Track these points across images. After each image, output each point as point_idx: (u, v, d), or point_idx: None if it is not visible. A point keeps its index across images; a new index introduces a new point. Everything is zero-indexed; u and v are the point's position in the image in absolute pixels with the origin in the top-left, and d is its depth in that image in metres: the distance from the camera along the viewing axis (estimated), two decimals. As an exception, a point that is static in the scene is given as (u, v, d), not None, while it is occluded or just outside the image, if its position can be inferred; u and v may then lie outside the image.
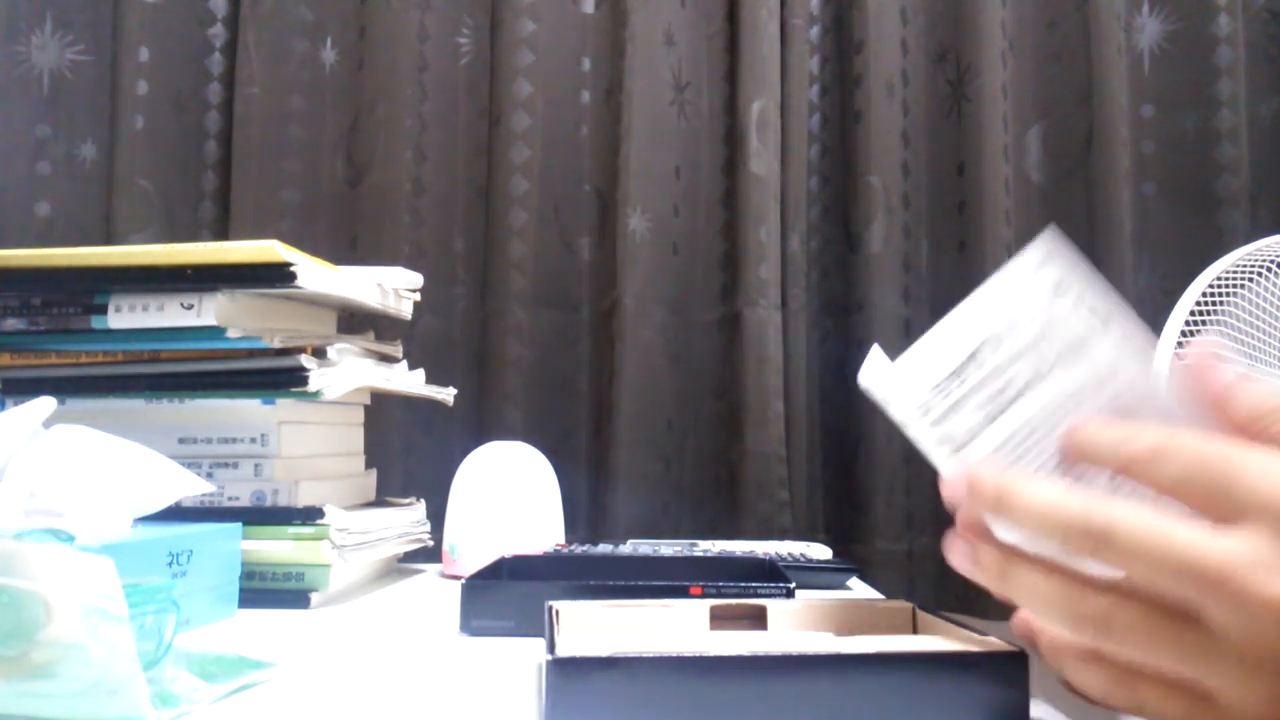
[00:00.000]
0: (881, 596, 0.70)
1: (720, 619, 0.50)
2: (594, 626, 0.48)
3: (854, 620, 0.50)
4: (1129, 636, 0.33)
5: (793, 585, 0.59)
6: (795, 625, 0.50)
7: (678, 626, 0.49)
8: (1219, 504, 0.32)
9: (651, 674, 0.37)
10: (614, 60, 1.11)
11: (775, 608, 0.50)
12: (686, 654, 0.37)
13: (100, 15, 1.11)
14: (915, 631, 0.50)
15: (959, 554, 0.37)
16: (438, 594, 0.76)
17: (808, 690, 0.37)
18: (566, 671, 0.36)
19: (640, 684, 0.36)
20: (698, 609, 0.50)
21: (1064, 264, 0.38)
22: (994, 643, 0.41)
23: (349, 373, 0.73)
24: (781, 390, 1.07)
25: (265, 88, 1.10)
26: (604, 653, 0.37)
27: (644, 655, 0.37)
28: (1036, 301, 0.37)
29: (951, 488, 0.37)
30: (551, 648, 0.38)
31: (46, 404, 0.55)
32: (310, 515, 0.69)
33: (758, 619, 0.50)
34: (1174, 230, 1.11)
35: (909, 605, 0.51)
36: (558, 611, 0.47)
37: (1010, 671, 0.39)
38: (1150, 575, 0.32)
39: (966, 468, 0.36)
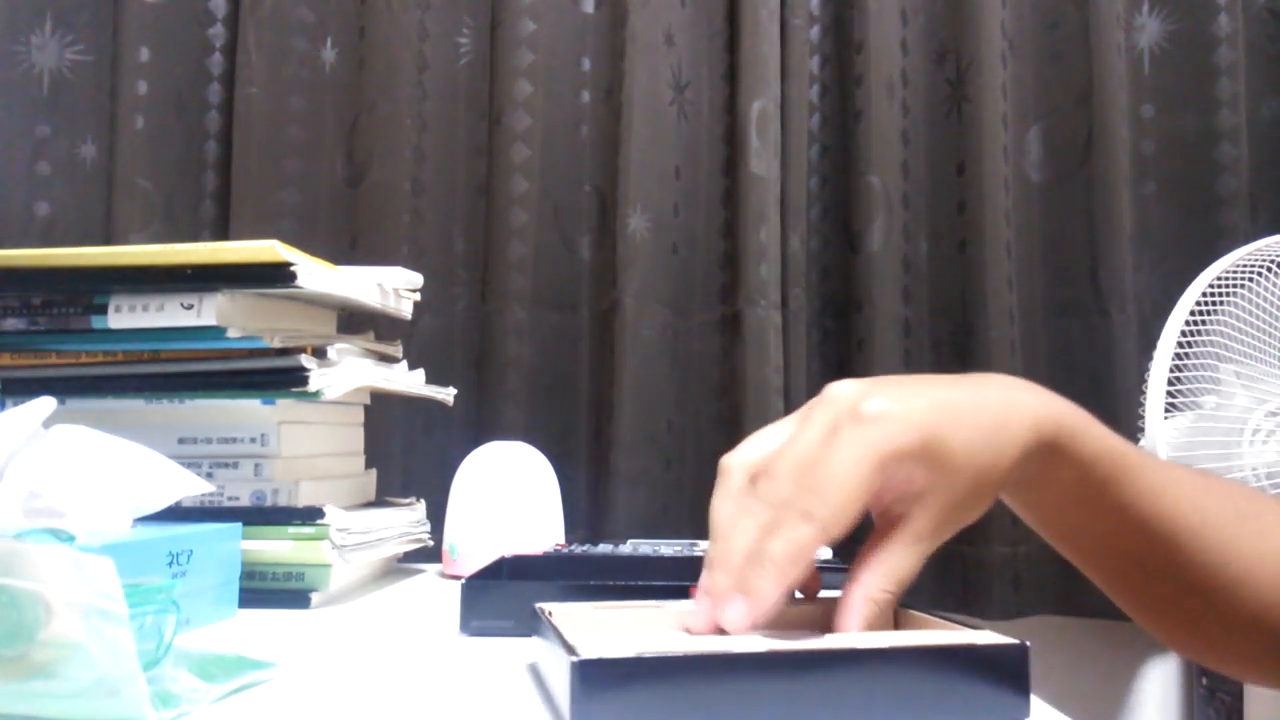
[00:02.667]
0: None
1: None
2: (593, 627, 0.48)
3: None
4: None
5: (793, 585, 0.59)
6: (794, 625, 0.50)
7: (678, 626, 0.49)
8: None
9: (677, 673, 0.36)
10: (614, 60, 1.11)
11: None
12: (713, 652, 0.37)
13: (100, 15, 1.11)
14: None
15: None
16: (438, 594, 0.75)
17: (824, 685, 0.37)
18: (593, 673, 0.36)
19: (665, 684, 0.36)
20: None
21: None
22: (994, 637, 0.41)
23: (349, 373, 0.73)
24: (781, 390, 1.07)
25: (265, 88, 1.10)
26: (630, 653, 0.37)
27: (670, 655, 0.37)
28: None
29: None
30: (571, 649, 0.38)
31: (46, 404, 0.55)
32: (310, 515, 0.69)
33: (757, 619, 0.50)
34: (1174, 230, 1.11)
35: (908, 606, 0.50)
36: (550, 612, 0.47)
37: (1013, 665, 0.39)
38: None
39: None
